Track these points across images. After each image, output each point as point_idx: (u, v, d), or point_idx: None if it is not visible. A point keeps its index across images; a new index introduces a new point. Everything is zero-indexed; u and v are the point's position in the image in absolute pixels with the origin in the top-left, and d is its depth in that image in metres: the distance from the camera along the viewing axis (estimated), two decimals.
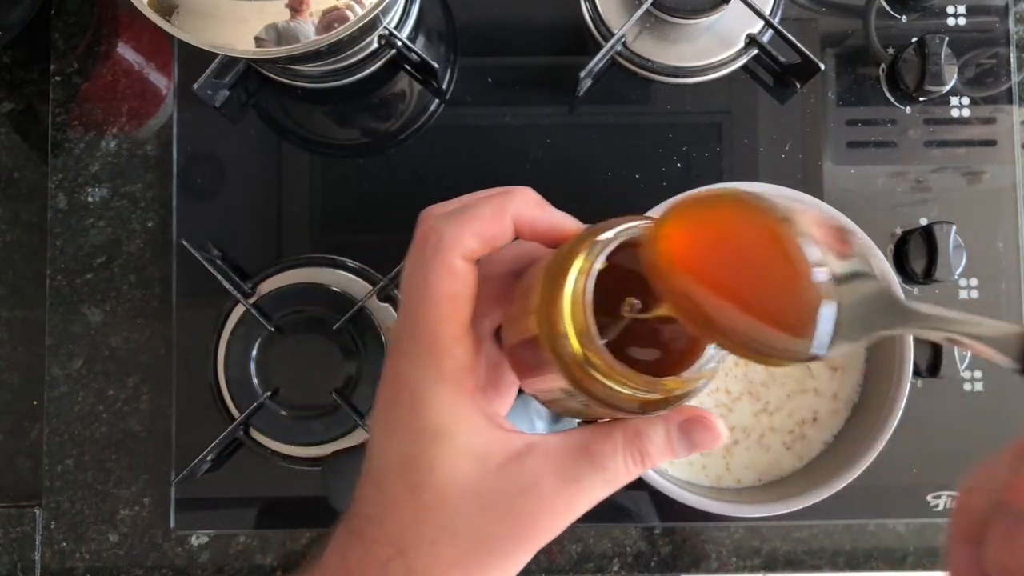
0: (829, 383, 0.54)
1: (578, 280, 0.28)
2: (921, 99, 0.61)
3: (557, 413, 0.34)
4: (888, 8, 0.62)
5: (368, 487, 0.32)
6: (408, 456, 0.31)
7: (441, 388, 0.31)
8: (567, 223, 0.33)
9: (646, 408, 0.30)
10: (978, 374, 0.59)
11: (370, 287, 0.58)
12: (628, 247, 0.29)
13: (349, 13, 0.47)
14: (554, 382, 0.30)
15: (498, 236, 0.32)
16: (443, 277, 0.31)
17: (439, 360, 0.31)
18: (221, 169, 0.61)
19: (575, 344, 0.28)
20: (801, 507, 0.49)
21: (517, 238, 0.33)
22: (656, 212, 0.29)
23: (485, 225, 0.31)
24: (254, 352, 0.57)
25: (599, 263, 0.28)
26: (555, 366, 0.29)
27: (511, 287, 0.34)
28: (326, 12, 0.47)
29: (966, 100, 0.61)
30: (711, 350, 0.30)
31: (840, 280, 0.25)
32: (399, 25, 0.59)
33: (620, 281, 0.29)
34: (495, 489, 0.30)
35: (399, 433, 0.31)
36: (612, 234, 0.29)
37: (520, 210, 0.32)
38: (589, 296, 0.28)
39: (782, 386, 0.54)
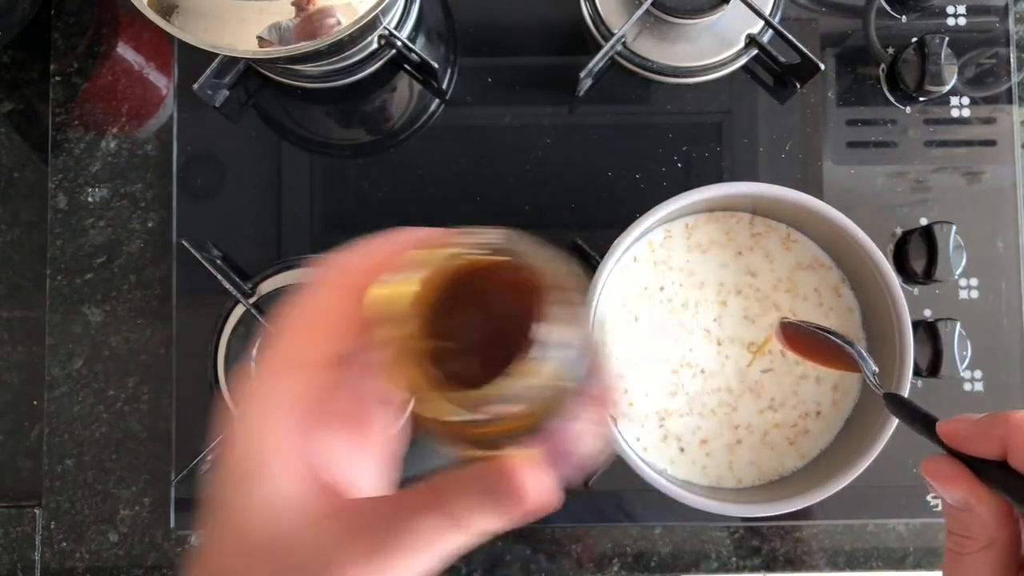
0: (829, 373, 0.54)
1: (400, 288, 0.26)
2: (921, 99, 0.61)
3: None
4: (888, 8, 0.62)
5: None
6: (225, 486, 0.28)
7: (271, 416, 0.28)
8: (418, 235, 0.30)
9: (488, 439, 0.26)
10: (978, 374, 0.59)
11: None
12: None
13: (351, 12, 0.47)
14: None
15: (383, 265, 0.29)
16: (315, 304, 0.29)
17: (275, 383, 0.28)
18: (221, 169, 0.61)
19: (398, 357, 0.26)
20: (801, 507, 0.49)
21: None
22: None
23: (371, 255, 0.29)
24: (254, 352, 0.57)
25: (415, 285, 0.26)
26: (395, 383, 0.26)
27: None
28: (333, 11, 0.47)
29: (966, 100, 0.61)
30: (534, 352, 0.25)
31: None
32: (399, 25, 0.59)
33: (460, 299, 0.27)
34: (291, 548, 0.27)
35: (226, 457, 0.29)
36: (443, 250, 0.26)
37: (404, 241, 0.29)
38: (407, 302, 0.26)
39: (783, 379, 0.54)
